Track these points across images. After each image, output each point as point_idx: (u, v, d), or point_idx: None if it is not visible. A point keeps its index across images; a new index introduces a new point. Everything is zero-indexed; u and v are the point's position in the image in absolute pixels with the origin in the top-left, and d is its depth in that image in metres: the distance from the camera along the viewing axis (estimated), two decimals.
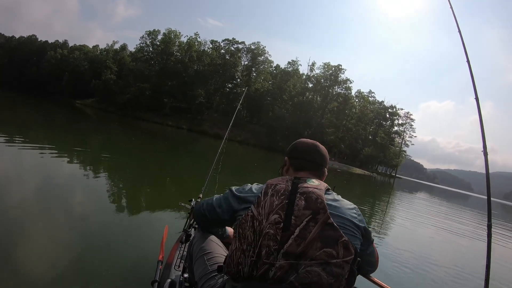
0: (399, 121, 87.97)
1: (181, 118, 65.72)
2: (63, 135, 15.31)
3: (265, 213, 1.47)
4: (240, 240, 1.50)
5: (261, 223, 1.45)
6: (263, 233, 1.43)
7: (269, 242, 1.41)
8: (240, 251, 1.47)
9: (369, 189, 28.17)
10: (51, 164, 7.78)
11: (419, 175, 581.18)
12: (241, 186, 1.76)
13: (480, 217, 21.03)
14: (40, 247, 3.39)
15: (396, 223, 11.12)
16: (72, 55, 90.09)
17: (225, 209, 1.76)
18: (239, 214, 1.61)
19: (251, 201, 1.58)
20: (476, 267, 7.20)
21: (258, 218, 1.47)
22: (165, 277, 2.27)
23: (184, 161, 15.82)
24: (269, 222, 1.44)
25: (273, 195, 1.51)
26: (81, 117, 34.71)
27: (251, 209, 1.52)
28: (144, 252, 3.83)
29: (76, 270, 3.10)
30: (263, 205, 1.50)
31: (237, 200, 1.69)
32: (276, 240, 1.40)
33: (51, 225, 4.06)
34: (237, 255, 1.48)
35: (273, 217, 1.45)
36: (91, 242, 3.78)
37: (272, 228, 1.43)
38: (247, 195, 1.66)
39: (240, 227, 1.52)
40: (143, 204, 5.94)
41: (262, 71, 79.19)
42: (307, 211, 1.43)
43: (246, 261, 1.44)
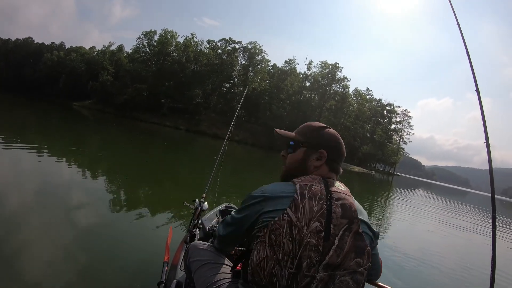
0: (397, 119, 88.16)
1: (179, 119, 65.60)
2: (61, 137, 15.26)
3: (306, 220, 1.32)
4: (272, 248, 1.32)
5: (301, 231, 1.31)
6: (304, 243, 1.30)
7: (310, 253, 1.30)
8: (273, 260, 1.31)
9: (368, 187, 28.19)
10: (51, 167, 7.77)
11: (418, 172, 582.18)
12: (259, 188, 1.51)
13: (479, 212, 21.09)
14: (44, 250, 3.37)
15: (395, 219, 11.14)
16: (68, 57, 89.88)
17: (242, 217, 1.52)
18: (263, 217, 1.40)
19: (277, 200, 1.40)
20: (480, 261, 7.23)
21: (298, 224, 1.31)
22: (171, 278, 2.27)
23: (184, 161, 15.85)
24: (310, 230, 1.31)
25: (311, 199, 1.36)
26: (79, 119, 34.58)
27: (287, 212, 1.33)
28: (149, 253, 3.82)
29: (81, 273, 3.09)
30: (302, 209, 1.33)
31: (256, 201, 1.46)
32: (318, 251, 1.30)
33: (55, 228, 4.03)
34: (269, 264, 1.32)
35: (315, 225, 1.32)
36: (95, 245, 3.76)
37: (313, 237, 1.31)
38: (270, 194, 1.44)
39: (273, 233, 1.33)
40: (147, 205, 5.90)
41: (259, 70, 79.01)
42: (344, 220, 1.37)
43: (283, 273, 1.30)
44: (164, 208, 6.02)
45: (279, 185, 1.49)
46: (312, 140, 1.63)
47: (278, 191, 1.43)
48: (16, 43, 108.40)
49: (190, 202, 3.38)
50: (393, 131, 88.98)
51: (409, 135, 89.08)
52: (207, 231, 3.00)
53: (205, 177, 10.76)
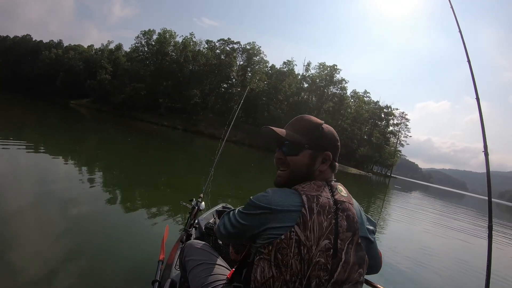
0: (394, 121, 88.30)
1: (176, 118, 65.59)
2: (59, 136, 15.20)
3: (315, 238, 1.24)
4: (279, 268, 1.24)
5: (310, 251, 1.23)
6: (313, 262, 1.23)
7: (319, 273, 1.23)
8: (281, 281, 1.23)
9: (365, 189, 28.22)
10: (47, 165, 7.74)
11: (414, 175, 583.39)
12: (263, 194, 1.37)
13: (476, 216, 21.13)
14: (40, 248, 3.36)
15: (392, 221, 11.15)
16: (67, 55, 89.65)
17: (242, 227, 1.39)
18: (269, 232, 1.28)
19: (285, 215, 1.28)
20: (476, 263, 7.23)
21: (307, 244, 1.23)
22: (166, 277, 2.29)
23: (182, 161, 15.80)
24: (319, 249, 1.24)
25: (320, 213, 1.27)
26: (76, 118, 34.48)
27: (295, 231, 1.24)
28: (145, 252, 3.82)
29: (77, 270, 3.08)
30: (311, 226, 1.25)
31: (268, 213, 1.30)
32: (327, 270, 1.24)
33: (50, 226, 4.02)
34: (276, 285, 1.24)
35: (324, 243, 1.25)
36: (91, 243, 3.75)
37: (322, 256, 1.24)
38: (277, 207, 1.29)
39: (279, 252, 1.24)
40: (144, 204, 5.89)
41: (258, 71, 79.04)
42: (349, 233, 1.31)
43: None
44: (161, 207, 5.98)
45: (285, 194, 1.34)
46: (317, 141, 1.49)
47: (285, 204, 1.30)
48: (14, 41, 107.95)
49: (187, 202, 3.38)
50: (391, 134, 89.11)
51: (406, 138, 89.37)
52: (203, 230, 3.01)
53: (203, 177, 10.75)
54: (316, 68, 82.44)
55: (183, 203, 3.43)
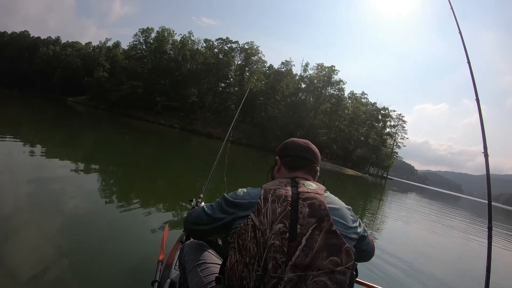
0: (391, 123, 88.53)
1: (173, 117, 65.49)
2: (55, 134, 15.14)
3: (268, 222, 1.36)
4: (241, 252, 1.38)
5: (264, 234, 1.34)
6: (268, 245, 1.33)
7: (275, 255, 1.31)
8: (242, 264, 1.37)
9: (362, 190, 28.27)
10: (45, 164, 7.62)
11: (410, 177, 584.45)
12: (234, 192, 1.58)
13: (472, 218, 21.18)
14: (38, 248, 3.31)
15: (387, 222, 11.15)
16: (64, 51, 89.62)
17: (214, 217, 1.58)
18: (235, 223, 1.46)
19: (247, 207, 1.45)
20: (474, 265, 7.24)
21: (261, 228, 1.36)
22: (165, 277, 2.27)
23: (181, 161, 15.76)
24: (273, 232, 1.34)
25: (274, 202, 1.40)
26: (73, 115, 34.37)
27: (250, 217, 1.39)
28: (144, 252, 3.79)
29: (76, 270, 3.05)
30: (264, 212, 1.38)
31: (230, 205, 1.53)
32: (283, 252, 1.31)
33: (49, 226, 3.97)
34: (239, 268, 1.38)
35: (278, 227, 1.34)
36: (90, 243, 3.72)
37: (277, 239, 1.33)
38: (242, 201, 1.49)
39: (240, 237, 1.39)
40: (143, 204, 5.80)
41: (255, 71, 79.13)
42: (312, 219, 1.37)
43: (251, 275, 1.34)
44: (161, 208, 5.95)
45: (250, 191, 1.55)
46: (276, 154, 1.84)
47: (247, 198, 1.50)
48: (12, 36, 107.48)
49: (187, 202, 3.36)
50: (387, 135, 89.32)
51: (403, 140, 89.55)
52: None
53: (202, 177, 10.72)
54: (314, 68, 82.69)
55: (182, 203, 3.42)
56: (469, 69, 2.86)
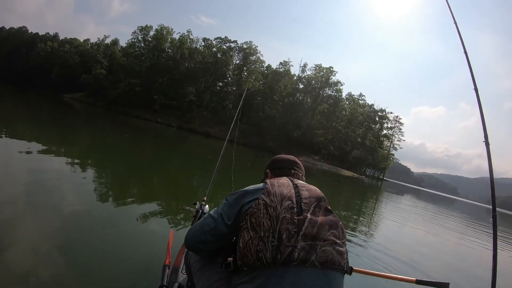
0: (388, 125, 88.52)
1: (171, 116, 65.34)
2: (53, 133, 15.10)
3: (278, 200, 1.57)
4: (254, 229, 1.52)
5: (276, 209, 1.54)
6: (280, 218, 1.50)
7: (288, 226, 1.48)
8: (257, 239, 1.49)
9: (359, 191, 28.34)
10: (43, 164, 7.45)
11: (406, 178, 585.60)
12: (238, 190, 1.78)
13: (467, 220, 21.23)
14: (44, 253, 3.29)
15: (384, 223, 11.17)
16: (62, 48, 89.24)
17: (227, 213, 1.72)
18: (244, 208, 1.64)
19: (254, 192, 1.68)
20: (477, 264, 7.26)
21: (272, 205, 1.56)
22: (173, 281, 2.30)
23: (181, 161, 15.78)
24: (283, 207, 1.54)
25: (280, 186, 1.67)
26: (70, 113, 34.15)
27: (261, 197, 1.61)
28: (150, 257, 3.79)
29: (82, 276, 3.04)
30: (273, 193, 1.61)
31: (236, 198, 1.72)
32: (294, 223, 1.49)
33: (54, 231, 3.93)
34: (254, 243, 1.49)
35: (287, 203, 1.56)
36: (95, 248, 3.70)
37: (288, 213, 1.52)
38: (248, 189, 1.73)
39: (252, 216, 1.56)
40: (147, 208, 5.73)
41: (254, 70, 79.13)
42: (312, 199, 1.64)
43: (267, 247, 1.45)
44: (165, 211, 5.88)
45: (254, 185, 1.76)
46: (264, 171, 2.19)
47: (252, 187, 1.74)
48: (9, 32, 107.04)
49: (191, 206, 3.38)
50: (384, 137, 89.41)
51: (399, 142, 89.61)
52: None
53: (204, 178, 10.70)
54: (312, 69, 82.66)
55: (186, 207, 3.43)
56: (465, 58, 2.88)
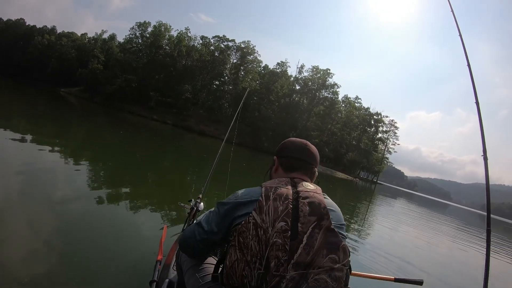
0: (383, 128, 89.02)
1: (166, 113, 65.10)
2: (47, 126, 15.05)
3: (270, 220, 1.37)
4: (242, 251, 1.38)
5: (266, 232, 1.36)
6: (270, 243, 1.34)
7: (278, 253, 1.33)
8: (243, 262, 1.37)
9: (353, 194, 28.46)
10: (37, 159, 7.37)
11: (400, 182, 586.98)
12: (232, 194, 1.60)
13: (458, 225, 21.32)
14: (34, 248, 3.27)
15: (371, 227, 11.20)
16: (59, 41, 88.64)
17: (217, 224, 1.57)
18: (235, 222, 1.46)
19: (247, 204, 1.47)
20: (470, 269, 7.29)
21: (263, 226, 1.37)
22: (164, 277, 2.27)
23: (177, 158, 15.73)
24: (275, 230, 1.36)
25: (276, 200, 1.42)
26: (67, 108, 33.94)
27: (252, 215, 1.40)
28: (143, 252, 3.79)
29: (74, 270, 3.03)
30: (266, 210, 1.39)
31: (228, 209, 1.53)
32: (286, 250, 1.33)
33: (44, 225, 3.90)
34: (240, 267, 1.38)
35: (280, 225, 1.36)
36: (88, 243, 3.69)
37: (279, 237, 1.35)
38: (241, 200, 1.51)
39: (241, 235, 1.40)
40: (141, 204, 5.77)
41: (251, 70, 78.98)
42: (312, 218, 1.40)
43: (253, 274, 1.35)
44: (160, 207, 5.90)
45: (249, 190, 1.56)
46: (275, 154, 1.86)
47: (247, 196, 1.50)
48: (7, 24, 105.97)
49: (185, 203, 3.36)
50: (379, 140, 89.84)
51: (394, 145, 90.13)
52: None
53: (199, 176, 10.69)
54: (309, 71, 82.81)
55: (181, 203, 3.41)
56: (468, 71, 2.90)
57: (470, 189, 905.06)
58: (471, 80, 2.87)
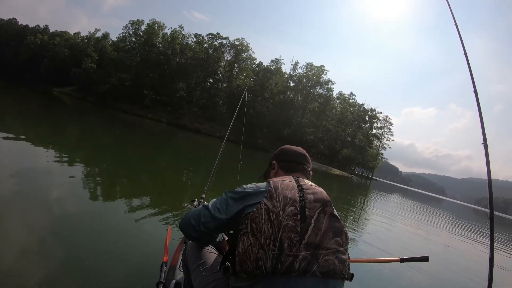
0: (378, 124, 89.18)
1: (161, 111, 64.80)
2: (43, 127, 14.98)
3: (281, 205, 1.50)
4: (255, 235, 1.46)
5: (278, 216, 1.47)
6: (282, 225, 1.45)
7: (290, 234, 1.43)
8: (257, 246, 1.44)
9: (348, 189, 28.53)
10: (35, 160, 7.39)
11: (394, 178, 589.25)
12: (240, 186, 1.74)
13: (454, 218, 21.42)
14: (38, 253, 3.26)
15: (370, 218, 11.24)
16: (52, 41, 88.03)
17: (225, 210, 1.66)
18: (246, 211, 1.57)
19: (257, 194, 1.60)
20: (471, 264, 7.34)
21: (274, 210, 1.49)
22: (170, 278, 2.31)
23: (175, 157, 15.83)
24: (286, 214, 1.48)
25: (284, 189, 1.58)
26: (61, 108, 33.74)
27: (263, 202, 1.53)
28: (148, 253, 3.80)
29: (78, 274, 3.04)
30: (276, 197, 1.53)
31: (238, 198, 1.65)
32: (297, 232, 1.44)
33: (48, 229, 3.89)
34: (254, 250, 1.44)
35: (290, 209, 1.49)
36: (92, 246, 3.68)
37: (290, 220, 1.46)
38: (250, 190, 1.65)
39: (253, 221, 1.49)
40: (144, 205, 5.74)
41: (245, 67, 78.83)
42: (317, 204, 1.56)
43: (268, 255, 1.41)
44: (163, 208, 5.86)
45: (257, 184, 1.71)
46: (269, 161, 2.12)
47: (255, 188, 1.65)
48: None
49: (189, 202, 3.39)
50: (374, 136, 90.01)
51: (389, 141, 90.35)
52: None
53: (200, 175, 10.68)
54: (304, 67, 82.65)
55: (184, 204, 3.45)
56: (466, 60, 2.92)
57: (464, 184, 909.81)
58: (468, 69, 2.89)
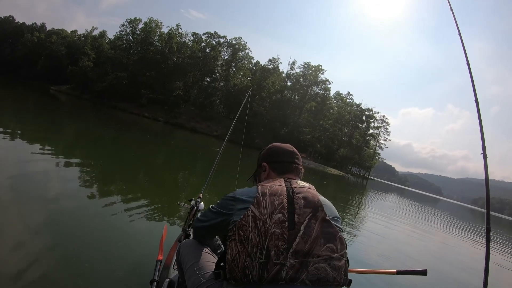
0: (375, 124, 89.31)
1: (158, 110, 64.71)
2: (40, 126, 14.95)
3: (268, 213, 1.47)
4: (242, 243, 1.45)
5: (265, 223, 1.44)
6: (269, 233, 1.42)
7: (277, 242, 1.41)
8: (244, 254, 1.42)
9: (345, 189, 28.58)
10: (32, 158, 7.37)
11: (391, 178, 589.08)
12: (232, 191, 1.71)
13: (451, 219, 21.48)
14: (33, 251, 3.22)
15: (371, 220, 11.26)
16: (49, 39, 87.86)
17: (220, 212, 1.69)
18: (235, 216, 1.55)
19: (245, 201, 1.56)
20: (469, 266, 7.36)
21: (261, 218, 1.46)
22: (164, 276, 2.31)
23: (172, 156, 15.86)
24: (273, 222, 1.44)
25: (272, 195, 1.53)
26: (57, 106, 33.64)
27: (250, 209, 1.50)
28: (143, 251, 3.81)
29: (73, 272, 3.03)
30: (264, 204, 1.50)
31: (231, 200, 1.65)
32: (284, 240, 1.41)
33: (43, 228, 3.85)
34: (241, 258, 1.43)
35: (277, 216, 1.46)
36: (87, 244, 3.68)
37: (277, 227, 1.43)
38: (240, 196, 1.61)
39: (241, 229, 1.47)
40: (141, 204, 5.73)
41: (242, 66, 78.95)
42: (308, 209, 1.50)
43: (254, 264, 1.40)
44: (160, 207, 5.88)
45: (246, 189, 1.67)
46: (258, 162, 2.01)
47: (244, 194, 1.61)
48: None
49: (186, 202, 3.39)
50: (371, 136, 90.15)
51: (385, 141, 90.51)
52: None
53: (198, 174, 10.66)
54: (301, 67, 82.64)
55: (181, 203, 3.45)
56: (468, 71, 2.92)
57: (460, 184, 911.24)
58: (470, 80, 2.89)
